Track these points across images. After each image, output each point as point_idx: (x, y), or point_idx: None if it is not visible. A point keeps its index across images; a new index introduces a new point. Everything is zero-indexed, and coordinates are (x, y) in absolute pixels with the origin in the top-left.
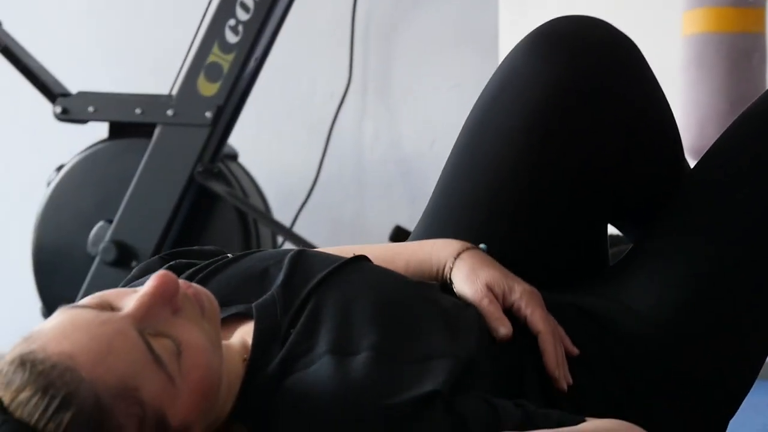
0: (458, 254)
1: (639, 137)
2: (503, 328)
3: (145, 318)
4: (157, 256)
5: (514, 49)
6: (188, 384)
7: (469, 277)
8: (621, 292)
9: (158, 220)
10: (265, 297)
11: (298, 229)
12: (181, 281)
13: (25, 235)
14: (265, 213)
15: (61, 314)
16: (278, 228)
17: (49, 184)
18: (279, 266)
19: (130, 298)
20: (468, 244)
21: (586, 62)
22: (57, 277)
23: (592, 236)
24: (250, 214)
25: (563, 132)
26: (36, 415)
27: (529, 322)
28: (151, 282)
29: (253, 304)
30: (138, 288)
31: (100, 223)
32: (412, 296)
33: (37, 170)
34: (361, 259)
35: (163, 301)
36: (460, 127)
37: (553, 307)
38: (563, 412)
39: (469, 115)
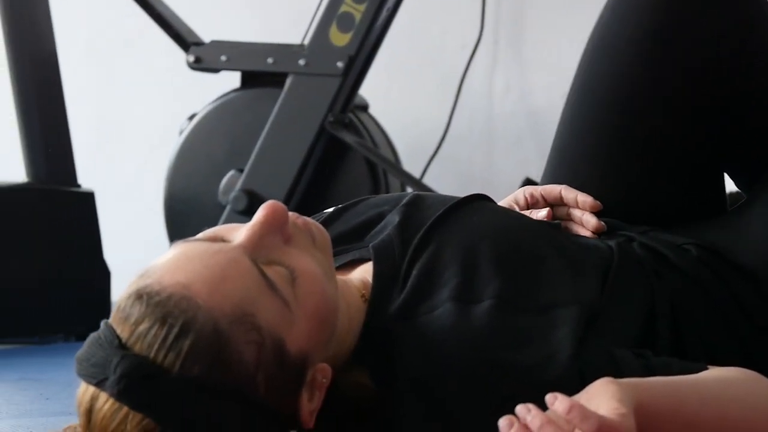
0: None
1: (747, 51)
2: None
3: (256, 247)
4: None
5: None
6: (304, 310)
7: None
8: (740, 230)
9: (289, 170)
10: (382, 238)
11: (427, 182)
12: (291, 213)
13: (158, 183)
14: (395, 164)
15: (175, 249)
16: (408, 179)
17: (181, 132)
18: (394, 210)
19: (241, 230)
20: None
21: None
22: (188, 225)
23: (708, 173)
24: (380, 165)
25: (672, 47)
26: (155, 346)
27: None
28: (260, 212)
29: (371, 245)
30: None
31: (231, 172)
32: (536, 238)
33: (170, 119)
34: (480, 198)
35: (273, 229)
36: None
37: (671, 249)
38: (685, 362)
39: (587, 42)
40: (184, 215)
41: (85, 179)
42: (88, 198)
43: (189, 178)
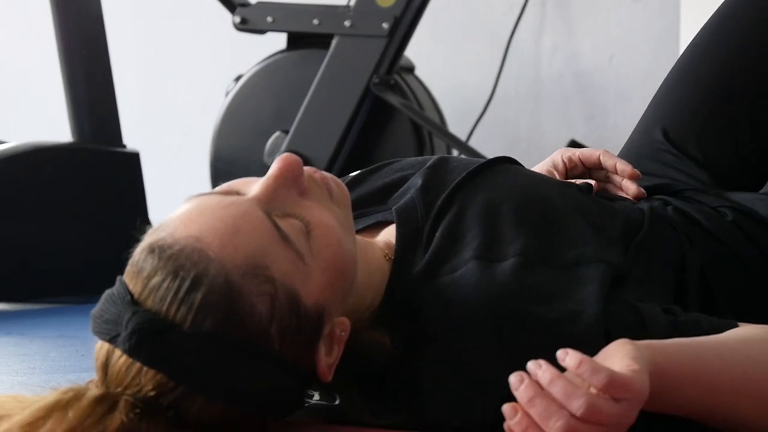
0: None
1: None
2: None
3: (271, 199)
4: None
5: None
6: (320, 262)
7: None
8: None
9: (334, 131)
10: (405, 201)
11: (473, 144)
12: (308, 167)
13: (204, 144)
14: (441, 126)
15: (188, 202)
16: (453, 141)
17: (227, 94)
18: (418, 173)
19: (256, 183)
20: None
21: None
22: None
23: None
24: (425, 127)
25: None
26: (168, 300)
27: None
28: (274, 165)
29: (394, 208)
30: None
31: (277, 134)
32: (560, 200)
33: (217, 80)
34: (505, 161)
35: (287, 182)
36: (640, 43)
37: (705, 212)
38: (714, 318)
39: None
40: (230, 176)
41: (132, 140)
42: (133, 158)
43: (234, 140)
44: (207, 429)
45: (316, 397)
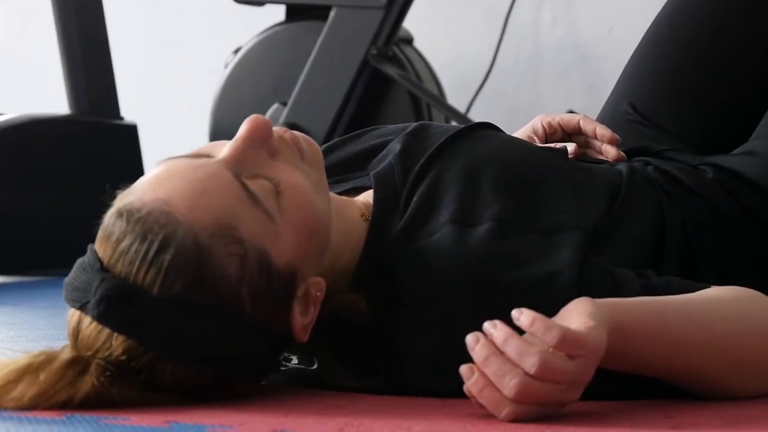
0: None
1: None
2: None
3: (239, 161)
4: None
5: None
6: (291, 223)
7: None
8: (752, 149)
9: (332, 103)
10: (383, 166)
11: (472, 116)
12: (278, 127)
13: (205, 116)
14: (439, 97)
15: (158, 166)
16: (452, 112)
17: (226, 66)
18: (397, 138)
19: (226, 146)
20: None
21: None
22: None
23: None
24: (424, 99)
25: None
26: (137, 263)
27: None
28: (243, 126)
29: (371, 173)
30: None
31: (275, 106)
32: (539, 164)
33: (216, 52)
34: (485, 126)
35: (255, 143)
36: (639, 15)
37: (686, 170)
38: (687, 281)
39: None
40: None
41: (132, 113)
42: (131, 130)
43: (233, 111)
44: (180, 392)
45: (295, 361)
